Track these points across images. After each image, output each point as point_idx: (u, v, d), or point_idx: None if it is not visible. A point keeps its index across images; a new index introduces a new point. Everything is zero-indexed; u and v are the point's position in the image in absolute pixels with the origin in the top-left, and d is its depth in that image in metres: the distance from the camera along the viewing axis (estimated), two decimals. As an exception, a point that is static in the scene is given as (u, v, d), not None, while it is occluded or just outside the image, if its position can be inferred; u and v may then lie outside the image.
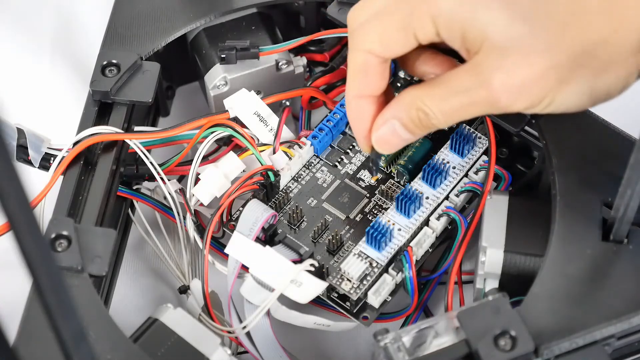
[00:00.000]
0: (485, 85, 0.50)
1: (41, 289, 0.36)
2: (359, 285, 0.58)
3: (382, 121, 0.55)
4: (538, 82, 0.50)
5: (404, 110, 0.54)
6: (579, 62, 0.49)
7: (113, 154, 0.60)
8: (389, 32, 0.52)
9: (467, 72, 0.51)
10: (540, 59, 0.49)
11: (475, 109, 0.52)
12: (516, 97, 0.50)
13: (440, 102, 0.52)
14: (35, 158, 0.60)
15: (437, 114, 0.53)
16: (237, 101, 0.62)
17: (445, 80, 0.52)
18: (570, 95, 0.51)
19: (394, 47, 0.53)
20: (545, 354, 0.50)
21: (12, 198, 0.33)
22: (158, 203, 0.63)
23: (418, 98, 0.53)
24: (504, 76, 0.50)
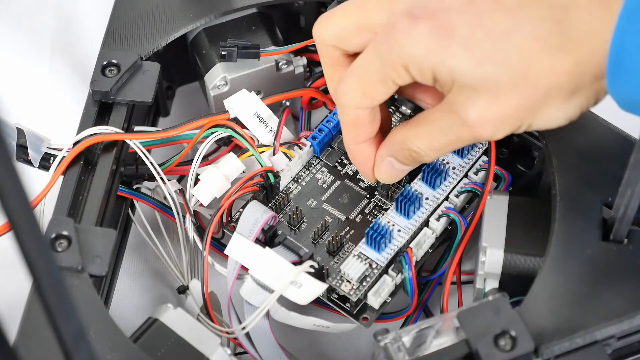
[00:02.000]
0: (463, 123, 0.53)
1: (41, 289, 0.36)
2: (358, 286, 0.58)
3: (380, 160, 0.58)
4: (512, 115, 0.52)
5: (397, 150, 0.57)
6: (547, 93, 0.51)
7: (113, 154, 0.60)
8: (370, 86, 0.55)
9: (444, 112, 0.54)
10: (509, 96, 0.51)
11: (460, 143, 0.55)
12: (495, 129, 0.53)
13: (428, 142, 0.55)
14: (35, 158, 0.60)
15: (427, 152, 0.56)
16: (237, 102, 0.62)
17: (428, 120, 0.55)
18: (547, 118, 0.53)
19: (378, 97, 0.55)
20: (545, 354, 0.50)
21: (12, 198, 0.33)
22: (158, 203, 0.63)
23: (407, 139, 0.56)
24: (478, 113, 0.52)
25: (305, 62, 0.66)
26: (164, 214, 0.63)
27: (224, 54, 0.64)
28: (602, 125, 0.59)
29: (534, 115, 0.52)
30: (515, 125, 0.53)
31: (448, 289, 0.57)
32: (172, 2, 0.67)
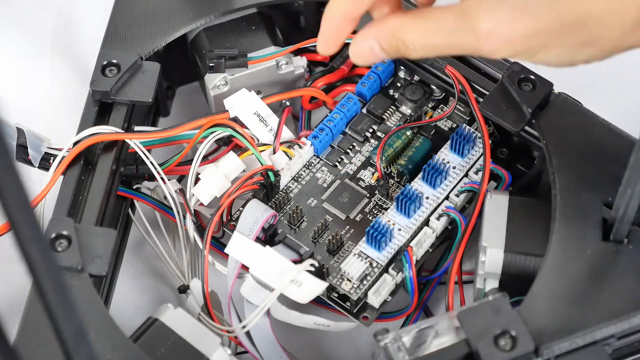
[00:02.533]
0: (471, 30, 0.51)
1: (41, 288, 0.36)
2: (359, 285, 0.58)
3: (362, 38, 0.55)
4: (524, 39, 0.50)
5: (385, 36, 0.54)
6: (567, 31, 0.50)
7: (113, 154, 0.60)
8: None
9: (456, 14, 0.52)
10: (531, 19, 0.50)
11: (456, 50, 0.53)
12: (499, 47, 0.51)
13: (423, 38, 0.53)
14: (35, 158, 0.60)
15: (417, 48, 0.54)
16: (237, 101, 0.62)
17: (433, 16, 0.53)
18: (551, 57, 0.52)
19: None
20: (545, 353, 0.50)
21: (12, 198, 0.33)
22: (158, 202, 0.63)
23: (402, 29, 0.54)
24: (492, 25, 0.50)
25: (306, 62, 0.66)
26: (164, 214, 0.63)
27: (212, 65, 0.64)
28: (602, 125, 0.59)
29: (542, 49, 0.51)
30: (519, 52, 0.51)
31: (452, 287, 0.57)
32: (172, 2, 0.67)
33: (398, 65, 0.66)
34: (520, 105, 0.60)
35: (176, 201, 0.62)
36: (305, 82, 0.67)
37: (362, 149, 0.64)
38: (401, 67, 0.66)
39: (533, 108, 0.59)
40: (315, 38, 0.65)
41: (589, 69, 0.59)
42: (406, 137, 0.63)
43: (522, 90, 0.60)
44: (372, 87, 0.66)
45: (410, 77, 0.66)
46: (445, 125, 0.65)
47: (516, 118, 0.60)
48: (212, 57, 0.64)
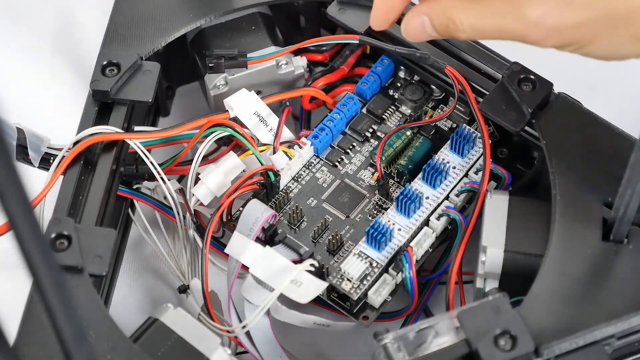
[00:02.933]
0: (521, 16, 0.51)
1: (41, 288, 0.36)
2: (359, 285, 0.58)
3: (415, 14, 0.56)
4: (573, 29, 0.50)
5: (437, 13, 0.55)
6: (617, 23, 0.50)
7: (113, 154, 0.60)
8: None
9: None
10: (582, 9, 0.50)
11: (504, 35, 0.53)
12: (547, 36, 0.51)
13: (473, 19, 0.53)
14: (35, 158, 0.60)
15: (466, 29, 0.54)
16: (237, 101, 0.62)
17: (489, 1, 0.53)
18: (599, 49, 0.51)
19: None
20: (545, 353, 0.50)
21: (12, 198, 0.33)
22: (158, 202, 0.63)
23: (453, 7, 0.54)
24: (542, 13, 0.51)
25: (306, 62, 0.66)
26: (164, 214, 0.63)
27: (212, 66, 0.64)
28: (602, 125, 0.59)
29: (590, 40, 0.51)
30: (567, 42, 0.51)
31: (453, 287, 0.57)
32: (172, 2, 0.67)
33: (398, 65, 0.66)
34: (520, 105, 0.60)
35: (176, 201, 0.62)
36: (305, 82, 0.67)
37: (362, 149, 0.64)
38: (401, 67, 0.66)
39: (533, 108, 0.59)
40: (315, 38, 0.65)
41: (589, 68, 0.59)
42: (406, 137, 0.63)
43: (522, 90, 0.60)
44: (372, 87, 0.66)
45: (410, 77, 0.66)
46: (445, 125, 0.65)
47: (516, 118, 0.60)
48: (212, 58, 0.64)
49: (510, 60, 0.62)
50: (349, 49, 0.67)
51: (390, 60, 0.66)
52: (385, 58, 0.66)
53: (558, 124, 0.59)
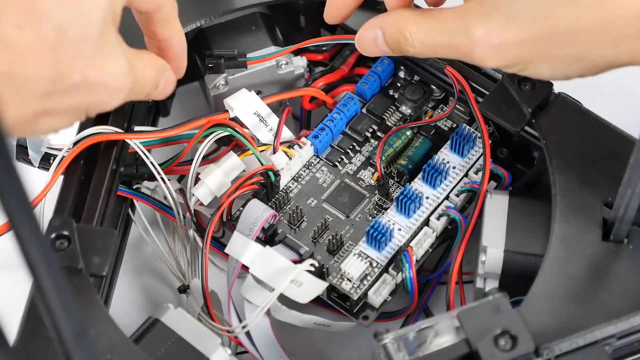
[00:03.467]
0: (466, 33, 0.52)
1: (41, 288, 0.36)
2: (359, 285, 0.58)
3: (369, 27, 0.58)
4: (516, 48, 0.51)
5: (390, 27, 0.56)
6: (559, 43, 0.51)
7: (113, 154, 0.60)
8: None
9: (455, 15, 0.53)
10: (526, 27, 0.51)
11: (450, 52, 0.54)
12: (491, 55, 0.52)
13: (423, 34, 0.55)
14: (35, 158, 0.60)
15: (416, 43, 0.55)
16: (237, 101, 0.62)
17: (435, 15, 0.55)
18: (543, 69, 0.52)
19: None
20: (545, 353, 0.50)
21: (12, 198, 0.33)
22: (158, 202, 0.63)
23: (405, 21, 0.56)
24: (486, 31, 0.52)
25: (306, 62, 0.66)
26: (164, 214, 0.63)
27: (211, 66, 0.64)
28: (602, 125, 0.59)
29: (534, 60, 0.52)
30: (511, 62, 0.52)
31: (454, 287, 0.57)
32: (172, 1, 0.66)
33: (398, 65, 0.66)
34: (520, 105, 0.60)
35: (176, 201, 0.62)
36: (305, 82, 0.67)
37: (362, 149, 0.64)
38: (401, 67, 0.66)
39: (533, 108, 0.59)
40: (315, 38, 0.65)
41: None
42: (406, 137, 0.63)
43: (522, 90, 0.60)
44: (372, 87, 0.66)
45: (410, 77, 0.66)
46: (445, 125, 0.65)
47: (516, 118, 0.60)
48: (211, 58, 0.64)
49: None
50: (349, 49, 0.67)
51: (390, 60, 0.66)
52: (385, 58, 0.66)
53: (558, 124, 0.59)
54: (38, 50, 0.46)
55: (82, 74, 0.48)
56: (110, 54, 0.50)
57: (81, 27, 0.48)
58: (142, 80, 0.54)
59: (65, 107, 0.49)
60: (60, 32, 0.47)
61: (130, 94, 0.53)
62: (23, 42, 0.46)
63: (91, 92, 0.49)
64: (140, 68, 0.54)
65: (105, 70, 0.49)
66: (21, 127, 0.48)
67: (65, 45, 0.47)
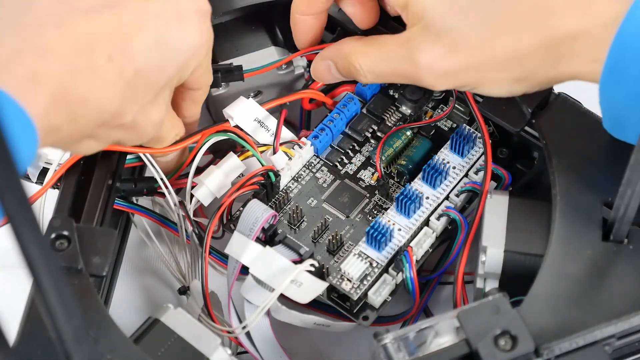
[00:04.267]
0: (411, 61, 0.54)
1: (41, 288, 0.36)
2: (359, 285, 0.58)
3: (321, 59, 0.61)
4: (460, 73, 0.53)
5: (340, 59, 0.59)
6: (503, 67, 0.52)
7: (113, 154, 0.60)
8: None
9: (399, 44, 0.55)
10: (468, 55, 0.52)
11: (401, 79, 0.56)
12: (437, 80, 0.54)
13: (372, 64, 0.57)
14: (32, 173, 0.60)
15: (367, 73, 0.57)
16: (236, 110, 0.62)
17: (381, 44, 0.56)
18: (491, 90, 0.55)
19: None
20: (545, 354, 0.50)
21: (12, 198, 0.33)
22: (158, 216, 0.63)
23: (354, 54, 0.58)
24: (430, 59, 0.53)
25: (305, 63, 0.66)
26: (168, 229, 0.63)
27: None
28: (602, 125, 0.59)
29: (481, 82, 0.54)
30: (460, 84, 0.54)
31: (460, 287, 0.56)
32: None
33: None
34: (520, 105, 0.60)
35: (179, 214, 0.61)
36: (305, 82, 0.67)
37: (362, 149, 0.64)
38: (401, 67, 0.66)
39: (533, 108, 0.59)
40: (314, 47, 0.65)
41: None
42: (406, 137, 0.63)
43: (522, 90, 0.60)
44: (372, 87, 0.66)
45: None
46: (445, 125, 0.65)
47: (516, 118, 0.60)
48: None
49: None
50: (349, 49, 0.67)
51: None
52: (385, 58, 0.66)
53: (558, 124, 0.59)
54: (115, 85, 0.49)
55: (134, 116, 0.52)
56: (160, 106, 0.54)
57: (154, 77, 0.51)
58: (163, 136, 0.58)
59: (108, 138, 0.53)
60: (137, 75, 0.50)
61: (147, 143, 0.57)
62: (107, 73, 0.49)
63: (130, 132, 0.53)
64: (167, 125, 0.57)
65: (149, 118, 0.53)
66: (65, 144, 0.52)
67: (137, 88, 0.50)
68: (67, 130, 0.49)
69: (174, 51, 0.52)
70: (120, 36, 0.50)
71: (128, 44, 0.50)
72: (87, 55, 0.48)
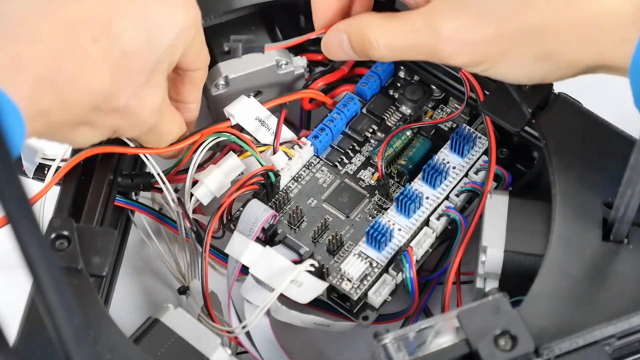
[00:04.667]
0: (433, 30, 0.53)
1: (41, 288, 0.36)
2: (359, 285, 0.58)
3: (335, 31, 0.59)
4: (483, 45, 0.52)
5: (355, 31, 0.57)
6: (525, 41, 0.52)
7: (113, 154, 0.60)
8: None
9: (422, 15, 0.54)
10: (493, 25, 0.52)
11: (418, 51, 0.55)
12: (458, 51, 0.53)
13: (389, 37, 0.56)
14: (29, 169, 0.60)
15: (381, 47, 0.56)
16: (237, 108, 0.62)
17: (401, 17, 0.55)
18: (508, 68, 0.53)
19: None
20: (545, 354, 0.50)
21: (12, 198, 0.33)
22: (158, 213, 0.63)
23: (371, 25, 0.56)
24: (453, 28, 0.52)
25: (306, 62, 0.66)
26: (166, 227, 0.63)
27: (227, 50, 0.64)
28: (602, 125, 0.59)
29: (499, 58, 0.53)
30: (477, 59, 0.53)
31: (449, 289, 0.57)
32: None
33: (398, 65, 0.66)
34: (520, 105, 0.60)
35: (178, 212, 0.61)
36: (305, 82, 0.67)
37: (362, 149, 0.64)
38: (401, 67, 0.66)
39: (533, 108, 0.59)
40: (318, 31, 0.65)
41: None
42: (406, 137, 0.63)
43: (522, 90, 0.60)
44: (372, 87, 0.66)
45: (410, 77, 0.66)
46: (445, 125, 0.65)
47: (516, 118, 0.60)
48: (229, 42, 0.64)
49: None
50: (349, 49, 0.67)
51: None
52: (385, 58, 0.66)
53: (558, 124, 0.59)
54: (103, 66, 0.49)
55: (127, 100, 0.52)
56: (154, 90, 0.53)
57: (143, 59, 0.51)
58: (165, 131, 0.58)
59: (104, 125, 0.53)
60: (125, 56, 0.50)
61: (148, 137, 0.57)
62: (93, 53, 0.49)
63: (126, 117, 0.53)
64: (168, 117, 0.57)
65: (144, 103, 0.53)
66: (61, 131, 0.51)
67: (126, 69, 0.50)
68: (57, 114, 0.49)
69: (160, 32, 0.52)
70: (103, 18, 0.50)
71: (112, 25, 0.50)
72: (71, 37, 0.48)
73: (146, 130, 0.55)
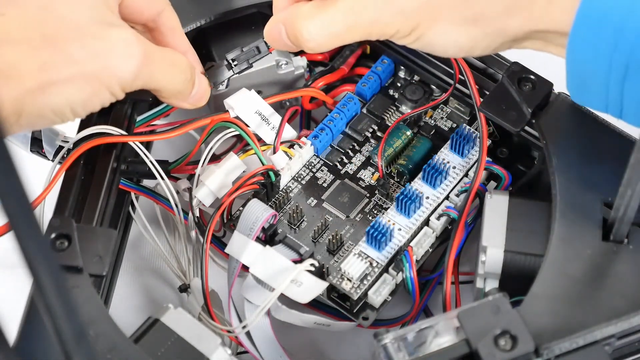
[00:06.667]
0: (365, 7, 0.53)
1: (41, 288, 0.36)
2: (359, 285, 0.58)
3: (275, 21, 0.58)
4: (414, 11, 0.52)
5: (287, 21, 0.56)
6: (454, 4, 0.52)
7: (113, 153, 0.60)
8: None
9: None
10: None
11: (354, 34, 0.54)
12: (389, 22, 0.53)
13: (321, 25, 0.55)
14: (49, 151, 0.60)
15: (315, 37, 0.55)
16: (237, 101, 0.62)
17: (330, 2, 0.54)
18: (438, 36, 0.53)
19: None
20: (545, 353, 0.50)
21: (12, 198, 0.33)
22: (159, 196, 0.63)
23: (300, 16, 0.55)
24: None
25: (306, 62, 0.66)
26: (164, 207, 0.63)
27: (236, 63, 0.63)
28: (602, 125, 0.59)
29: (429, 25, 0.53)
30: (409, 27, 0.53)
31: (449, 287, 0.57)
32: (172, 2, 0.66)
33: (398, 65, 0.66)
34: (520, 105, 0.60)
35: (175, 197, 0.61)
36: (305, 82, 0.67)
37: (362, 149, 0.64)
38: (401, 67, 0.66)
39: (533, 108, 0.59)
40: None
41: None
42: (406, 137, 0.63)
43: (522, 90, 0.60)
44: (372, 87, 0.66)
45: (410, 77, 0.66)
46: (445, 125, 0.65)
47: (516, 118, 0.60)
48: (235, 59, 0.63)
49: (510, 60, 0.62)
50: (349, 49, 0.67)
51: (390, 60, 0.66)
52: (386, 58, 0.66)
53: (558, 124, 0.59)
54: (25, 29, 0.49)
55: (81, 43, 0.51)
56: (111, 25, 0.53)
57: (67, 3, 0.51)
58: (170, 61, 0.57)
59: (70, 76, 0.51)
60: (45, 9, 0.50)
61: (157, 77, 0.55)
62: (7, 26, 0.49)
63: (96, 59, 0.52)
64: (164, 52, 0.56)
65: (108, 38, 0.52)
66: (31, 99, 0.51)
67: (53, 20, 0.50)
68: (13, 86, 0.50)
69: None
70: None
71: None
72: None
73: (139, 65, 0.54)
